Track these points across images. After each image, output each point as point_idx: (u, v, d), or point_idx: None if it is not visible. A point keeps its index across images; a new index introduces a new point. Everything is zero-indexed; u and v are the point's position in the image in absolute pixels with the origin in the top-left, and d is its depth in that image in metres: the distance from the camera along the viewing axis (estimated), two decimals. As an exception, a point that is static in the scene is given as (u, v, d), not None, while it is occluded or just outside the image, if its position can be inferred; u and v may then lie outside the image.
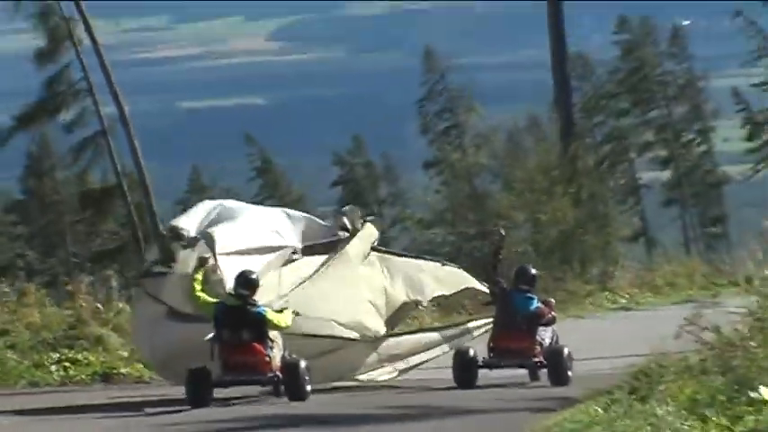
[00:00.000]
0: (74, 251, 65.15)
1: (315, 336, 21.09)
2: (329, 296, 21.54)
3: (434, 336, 23.07)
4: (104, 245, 60.90)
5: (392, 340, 22.25)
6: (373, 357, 22.01)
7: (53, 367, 23.13)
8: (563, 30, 51.97)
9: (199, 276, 19.87)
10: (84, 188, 60.26)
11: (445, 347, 22.35)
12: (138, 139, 51.91)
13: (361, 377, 21.93)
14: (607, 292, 40.27)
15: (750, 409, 12.82)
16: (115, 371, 23.28)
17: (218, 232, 21.67)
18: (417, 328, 23.98)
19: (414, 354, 22.48)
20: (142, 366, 24.17)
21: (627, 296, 40.37)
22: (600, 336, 22.84)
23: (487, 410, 18.37)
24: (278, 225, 22.70)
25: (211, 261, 20.63)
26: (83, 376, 23.38)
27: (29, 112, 57.41)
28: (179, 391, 19.09)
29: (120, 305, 26.22)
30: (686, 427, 13.14)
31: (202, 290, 19.74)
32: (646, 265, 46.16)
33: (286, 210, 24.48)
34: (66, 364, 23.50)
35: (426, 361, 22.46)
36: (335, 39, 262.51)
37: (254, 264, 20.82)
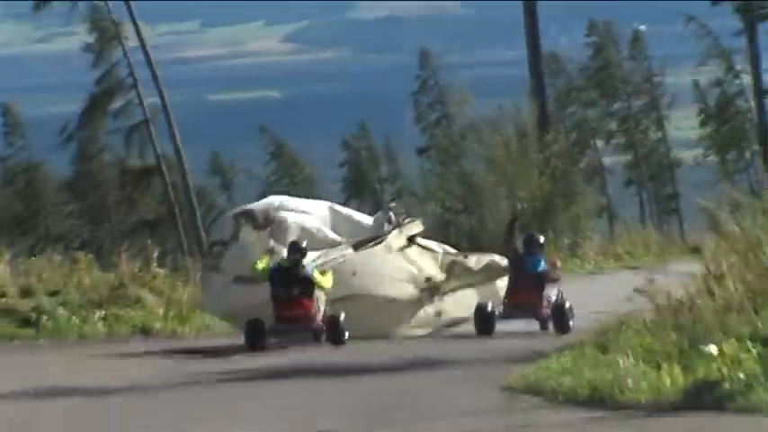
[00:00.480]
0: (117, 224, 65.16)
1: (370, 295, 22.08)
2: (376, 268, 22.52)
3: (469, 292, 23.35)
4: (143, 218, 60.85)
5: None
6: (415, 315, 22.87)
7: (99, 323, 23.17)
8: (538, 32, 51.79)
9: (265, 256, 20.68)
10: (123, 169, 60.59)
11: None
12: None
13: (406, 331, 22.54)
14: (576, 259, 40.27)
15: (700, 361, 12.64)
16: (152, 326, 23.33)
17: (289, 218, 22.80)
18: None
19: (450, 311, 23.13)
20: (177, 323, 24.37)
21: (593, 262, 40.37)
22: (570, 296, 22.72)
23: (474, 362, 18.13)
24: (327, 218, 23.63)
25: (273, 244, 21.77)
26: (124, 331, 23.44)
27: (88, 107, 57.52)
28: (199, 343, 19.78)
29: (158, 270, 26.14)
30: (643, 375, 12.99)
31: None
32: (609, 237, 46.07)
33: (333, 205, 25.14)
34: (110, 320, 23.64)
35: (462, 319, 22.82)
36: (341, 40, 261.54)
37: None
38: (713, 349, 12.31)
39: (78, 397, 15.00)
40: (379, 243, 22.88)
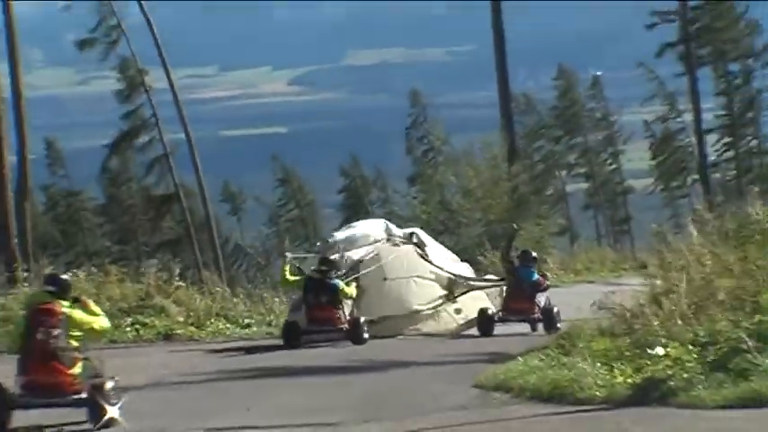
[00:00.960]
0: (143, 243, 64.96)
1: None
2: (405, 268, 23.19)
3: (478, 292, 24.22)
4: (164, 238, 60.81)
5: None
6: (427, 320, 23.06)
7: (127, 329, 22.99)
8: (507, 77, 51.62)
9: (286, 267, 21.60)
10: (147, 195, 60.68)
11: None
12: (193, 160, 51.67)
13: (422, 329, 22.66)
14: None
15: (648, 362, 12.41)
16: (174, 332, 23.16)
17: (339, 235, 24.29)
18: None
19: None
20: (195, 329, 24.16)
21: (555, 276, 39.87)
22: (537, 306, 22.93)
23: (454, 361, 17.91)
24: (382, 231, 24.36)
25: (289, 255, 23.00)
26: (149, 336, 23.27)
27: (117, 142, 57.33)
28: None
29: (179, 283, 25.97)
30: (599, 374, 12.80)
31: (291, 274, 21.49)
32: (569, 254, 45.82)
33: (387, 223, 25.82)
34: (137, 326, 23.30)
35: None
36: (339, 83, 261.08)
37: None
38: (660, 352, 12.13)
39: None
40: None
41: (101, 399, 12.00)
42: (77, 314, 12.34)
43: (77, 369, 12.13)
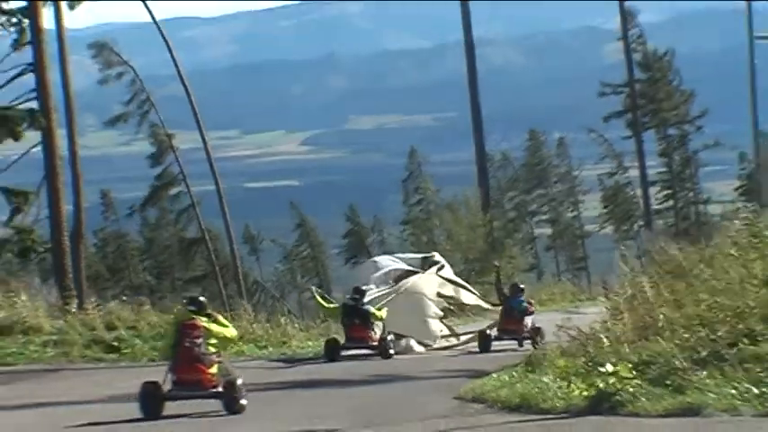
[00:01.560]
0: (177, 277, 64.77)
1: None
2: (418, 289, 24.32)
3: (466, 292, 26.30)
4: (194, 274, 60.92)
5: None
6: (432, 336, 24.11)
7: (165, 349, 22.65)
8: (482, 140, 51.66)
9: (318, 298, 23.49)
10: (180, 238, 60.67)
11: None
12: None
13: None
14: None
15: (600, 378, 12.08)
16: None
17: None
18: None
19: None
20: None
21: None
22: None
23: (443, 376, 17.75)
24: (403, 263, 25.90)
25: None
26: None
27: (151, 195, 57.04)
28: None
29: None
30: (559, 388, 12.63)
31: (326, 302, 23.32)
32: (536, 287, 45.46)
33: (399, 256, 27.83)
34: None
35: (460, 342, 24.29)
36: (343, 144, 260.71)
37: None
38: (609, 369, 11.96)
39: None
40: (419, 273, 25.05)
41: (233, 392, 13.29)
42: (214, 327, 13.58)
43: (214, 369, 13.41)
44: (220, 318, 13.97)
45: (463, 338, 24.56)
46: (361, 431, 12.07)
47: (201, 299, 14.30)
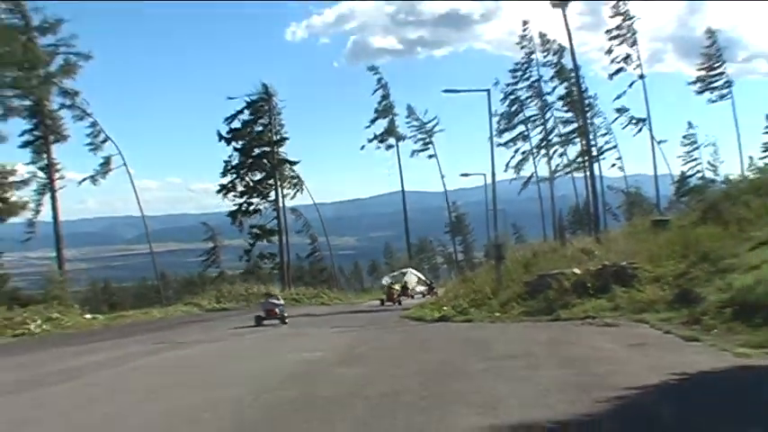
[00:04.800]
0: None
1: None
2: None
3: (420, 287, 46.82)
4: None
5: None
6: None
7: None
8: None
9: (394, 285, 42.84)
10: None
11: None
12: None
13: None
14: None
15: (441, 310, 25.51)
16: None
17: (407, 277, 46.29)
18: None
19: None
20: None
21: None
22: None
23: (399, 310, 32.10)
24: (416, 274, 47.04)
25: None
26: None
27: (251, 246, 67.09)
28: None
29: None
30: (430, 312, 25.84)
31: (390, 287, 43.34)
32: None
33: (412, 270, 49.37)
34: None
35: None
36: (354, 225, 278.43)
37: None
38: (445, 308, 25.59)
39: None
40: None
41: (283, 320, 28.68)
42: None
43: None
44: None
45: (416, 298, 43.87)
46: (367, 326, 23.45)
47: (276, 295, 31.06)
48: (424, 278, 50.49)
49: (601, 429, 8.77)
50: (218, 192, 63.94)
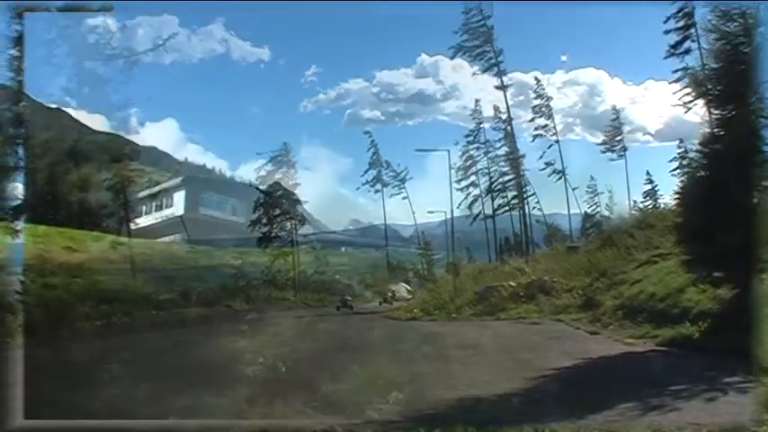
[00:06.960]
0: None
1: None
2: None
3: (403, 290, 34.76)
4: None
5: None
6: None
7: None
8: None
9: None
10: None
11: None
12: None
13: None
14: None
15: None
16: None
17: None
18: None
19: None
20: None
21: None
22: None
23: (386, 309, 26.10)
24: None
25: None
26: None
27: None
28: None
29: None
30: (420, 311, 21.93)
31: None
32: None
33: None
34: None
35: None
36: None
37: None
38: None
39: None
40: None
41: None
42: None
43: None
44: None
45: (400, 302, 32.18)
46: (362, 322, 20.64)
47: (348, 298, 23.29)
48: (410, 288, 47.24)
49: (531, 398, 9.18)
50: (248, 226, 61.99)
